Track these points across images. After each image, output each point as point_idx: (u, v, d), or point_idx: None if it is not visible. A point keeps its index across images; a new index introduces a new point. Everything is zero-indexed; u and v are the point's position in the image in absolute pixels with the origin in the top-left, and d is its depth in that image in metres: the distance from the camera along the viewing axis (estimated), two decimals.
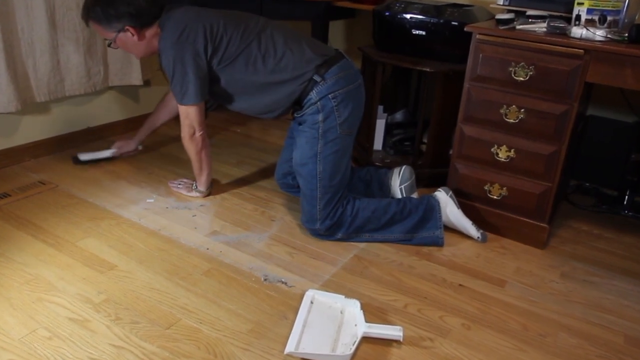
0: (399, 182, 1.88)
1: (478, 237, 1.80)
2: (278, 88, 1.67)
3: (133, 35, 1.69)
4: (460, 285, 1.58)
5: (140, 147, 2.26)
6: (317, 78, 1.64)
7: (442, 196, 1.77)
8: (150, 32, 1.71)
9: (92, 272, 1.52)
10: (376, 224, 1.73)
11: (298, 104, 1.70)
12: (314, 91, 1.65)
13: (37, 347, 1.24)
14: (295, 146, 1.73)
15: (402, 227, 1.74)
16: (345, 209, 1.71)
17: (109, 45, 1.75)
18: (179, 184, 2.03)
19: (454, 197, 1.79)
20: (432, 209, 1.75)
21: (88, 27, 1.77)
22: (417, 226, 1.74)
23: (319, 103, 1.64)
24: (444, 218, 1.77)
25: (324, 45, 1.75)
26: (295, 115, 1.74)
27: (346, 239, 1.74)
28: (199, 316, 1.37)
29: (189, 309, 1.40)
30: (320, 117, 1.65)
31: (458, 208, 1.78)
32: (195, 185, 1.98)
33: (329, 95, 1.64)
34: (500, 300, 1.52)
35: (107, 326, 1.32)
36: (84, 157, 2.15)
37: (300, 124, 1.72)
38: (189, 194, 2.00)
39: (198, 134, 1.80)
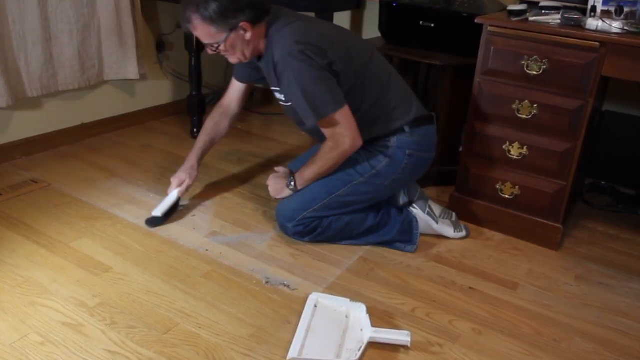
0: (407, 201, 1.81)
1: (463, 237, 1.79)
2: (371, 128, 1.61)
3: (246, 32, 1.51)
4: (470, 288, 1.56)
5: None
6: (406, 128, 1.61)
7: (420, 214, 1.74)
8: (260, 31, 1.55)
9: (86, 275, 1.50)
10: (348, 234, 1.70)
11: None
12: (395, 137, 1.62)
13: (29, 353, 1.22)
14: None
15: (373, 238, 1.71)
16: (321, 221, 1.68)
17: (215, 50, 1.56)
18: (278, 171, 1.80)
19: (432, 212, 1.75)
20: (409, 224, 1.71)
21: (187, 29, 1.55)
22: (391, 240, 1.71)
23: (391, 150, 1.62)
24: (424, 231, 1.75)
25: (418, 100, 1.71)
26: None
27: (312, 242, 1.71)
28: (197, 320, 1.36)
29: (187, 312, 1.38)
30: (383, 162, 1.63)
31: (437, 223, 1.75)
32: (293, 182, 1.69)
33: (407, 151, 1.62)
34: (512, 304, 1.50)
35: (102, 331, 1.30)
36: (157, 212, 1.76)
37: None
38: (282, 191, 1.72)
39: (355, 142, 1.58)
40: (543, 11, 1.69)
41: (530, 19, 1.64)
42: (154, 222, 1.76)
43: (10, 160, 2.16)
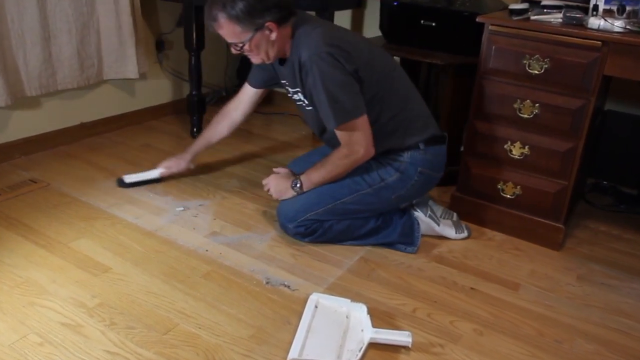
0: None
1: (464, 237, 1.79)
2: (387, 140, 1.61)
3: (271, 32, 1.50)
4: (471, 288, 1.55)
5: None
6: (421, 145, 1.62)
7: (422, 217, 1.73)
8: (285, 32, 1.54)
9: (85, 275, 1.50)
10: (349, 236, 1.70)
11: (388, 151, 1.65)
12: (409, 153, 1.62)
13: (27, 354, 1.22)
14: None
15: (374, 240, 1.71)
16: (322, 224, 1.67)
17: (239, 50, 1.54)
18: (279, 172, 1.79)
19: (433, 214, 1.75)
20: (410, 227, 1.71)
21: (212, 27, 1.52)
22: (392, 242, 1.71)
23: (403, 165, 1.62)
24: (425, 232, 1.74)
25: (434, 119, 1.71)
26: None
27: (313, 243, 1.71)
28: (197, 321, 1.35)
29: (187, 313, 1.38)
30: (394, 176, 1.63)
31: (439, 225, 1.75)
32: (299, 184, 1.67)
33: (419, 168, 1.62)
34: (513, 305, 1.49)
35: (101, 331, 1.30)
36: (129, 179, 1.97)
37: None
38: (286, 192, 1.70)
39: (368, 151, 1.58)
40: (545, 10, 1.68)
41: (532, 18, 1.63)
42: (120, 183, 1.98)
43: (9, 159, 2.15)
